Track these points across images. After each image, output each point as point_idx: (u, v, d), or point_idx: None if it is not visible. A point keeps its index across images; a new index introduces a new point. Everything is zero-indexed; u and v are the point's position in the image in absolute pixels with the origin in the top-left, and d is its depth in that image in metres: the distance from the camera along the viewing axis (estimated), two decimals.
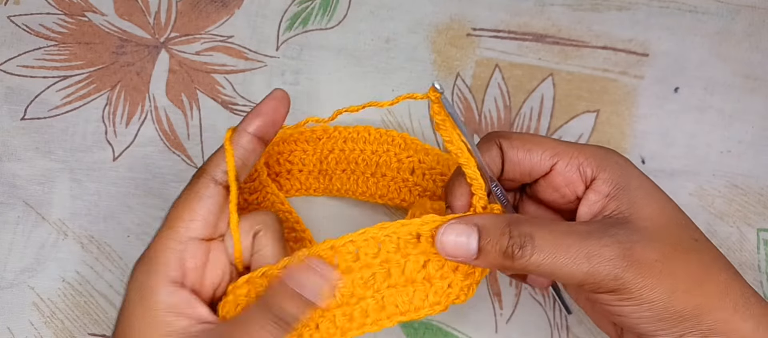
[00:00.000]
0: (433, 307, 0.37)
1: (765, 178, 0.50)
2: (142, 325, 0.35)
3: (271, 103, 0.38)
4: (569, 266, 0.33)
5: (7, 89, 0.52)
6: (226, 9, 0.54)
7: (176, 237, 0.36)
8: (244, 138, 0.38)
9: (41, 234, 0.50)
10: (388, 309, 0.37)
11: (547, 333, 0.48)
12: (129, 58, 0.53)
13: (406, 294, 0.37)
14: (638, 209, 0.35)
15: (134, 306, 0.35)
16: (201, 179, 0.37)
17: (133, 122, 0.52)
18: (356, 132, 0.48)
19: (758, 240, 0.49)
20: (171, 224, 0.36)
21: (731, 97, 0.51)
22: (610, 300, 0.34)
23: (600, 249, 0.33)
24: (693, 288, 0.33)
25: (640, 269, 0.33)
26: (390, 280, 0.37)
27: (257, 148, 0.38)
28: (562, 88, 0.52)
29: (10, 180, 0.51)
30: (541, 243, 0.33)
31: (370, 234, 0.36)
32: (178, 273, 0.35)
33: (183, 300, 0.35)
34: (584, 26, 0.53)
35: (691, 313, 0.33)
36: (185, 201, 0.36)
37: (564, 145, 0.37)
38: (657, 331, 0.34)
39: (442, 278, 0.37)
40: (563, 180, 0.37)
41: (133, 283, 0.36)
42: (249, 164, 0.38)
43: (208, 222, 0.36)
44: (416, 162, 0.47)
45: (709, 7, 0.53)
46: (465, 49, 0.53)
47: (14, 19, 0.54)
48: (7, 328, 0.48)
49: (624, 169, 0.36)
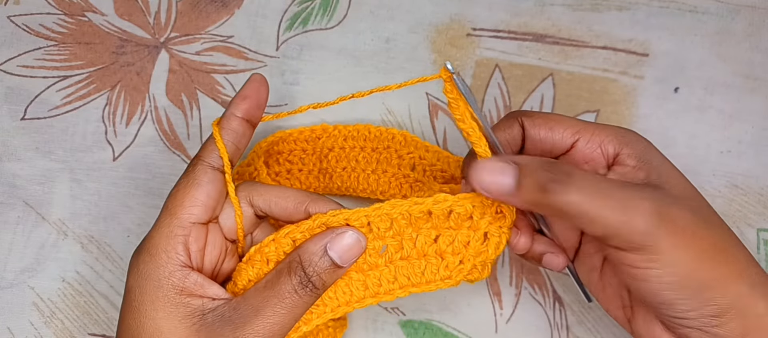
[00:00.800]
0: (445, 281, 0.38)
1: (765, 178, 0.50)
2: (157, 312, 0.35)
3: (252, 85, 0.40)
4: (604, 212, 0.33)
5: (7, 89, 0.52)
6: (226, 9, 0.54)
7: (180, 224, 0.37)
8: (234, 122, 0.39)
9: (41, 234, 0.50)
10: (400, 280, 0.38)
11: (547, 333, 0.48)
12: (129, 58, 0.53)
13: (418, 267, 0.38)
14: (667, 179, 0.35)
15: (143, 295, 0.36)
16: (198, 166, 0.38)
17: (133, 122, 0.52)
18: (356, 130, 0.48)
19: (758, 240, 0.49)
20: (173, 211, 0.37)
21: (731, 97, 0.51)
22: (635, 260, 0.33)
23: (638, 201, 0.33)
24: (718, 257, 0.33)
25: (674, 228, 0.33)
26: (402, 252, 0.38)
27: (247, 130, 0.40)
28: (562, 88, 0.52)
29: (10, 180, 0.51)
30: (579, 182, 0.33)
31: (384, 210, 0.37)
32: (185, 257, 0.36)
33: (195, 281, 0.36)
34: (584, 26, 0.53)
35: (715, 283, 0.33)
36: (185, 188, 0.38)
37: (585, 124, 0.38)
38: (677, 299, 0.33)
39: (454, 253, 0.38)
40: (583, 157, 0.37)
41: (137, 273, 0.36)
42: (241, 147, 0.40)
43: (208, 206, 0.38)
44: (417, 158, 0.47)
45: (709, 7, 0.53)
46: (465, 49, 0.53)
47: (14, 19, 0.54)
48: (7, 328, 0.48)
49: (646, 146, 0.37)
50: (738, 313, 0.33)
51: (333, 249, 0.36)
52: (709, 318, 0.33)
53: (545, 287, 0.48)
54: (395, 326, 0.48)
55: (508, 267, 0.49)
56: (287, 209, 0.39)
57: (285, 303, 0.35)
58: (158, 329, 0.35)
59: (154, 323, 0.35)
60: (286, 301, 0.35)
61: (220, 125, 0.39)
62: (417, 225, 0.38)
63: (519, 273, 0.49)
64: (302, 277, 0.36)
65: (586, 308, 0.48)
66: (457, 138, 0.51)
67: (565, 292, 0.48)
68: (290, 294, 0.36)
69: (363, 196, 0.48)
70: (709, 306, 0.33)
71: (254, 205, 0.39)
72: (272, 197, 0.39)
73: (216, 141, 0.38)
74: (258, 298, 0.36)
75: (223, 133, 0.39)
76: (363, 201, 0.50)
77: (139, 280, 0.36)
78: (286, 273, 0.36)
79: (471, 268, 0.38)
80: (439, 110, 0.51)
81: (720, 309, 0.33)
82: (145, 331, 0.35)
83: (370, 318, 0.48)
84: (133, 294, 0.36)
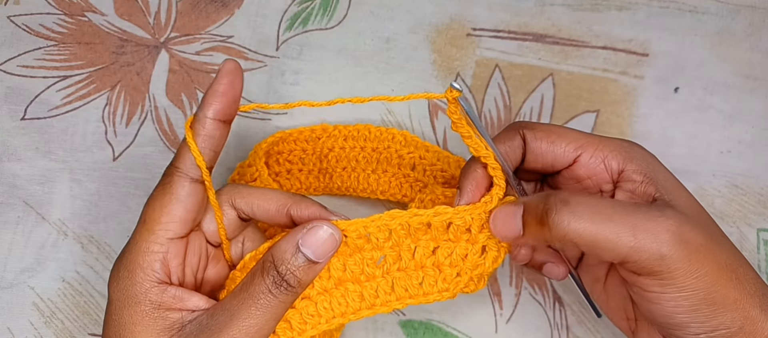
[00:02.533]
0: (442, 293, 0.38)
1: (765, 178, 0.50)
2: (134, 325, 0.35)
3: (224, 78, 0.36)
4: (612, 238, 0.32)
5: (7, 89, 0.52)
6: (226, 9, 0.54)
7: (157, 240, 0.35)
8: (207, 125, 0.36)
9: (41, 234, 0.50)
10: (398, 291, 0.38)
11: (547, 333, 0.48)
12: (129, 58, 0.53)
13: (416, 278, 0.38)
14: (676, 196, 0.34)
15: (123, 309, 0.35)
16: (174, 178, 0.36)
17: (133, 122, 0.52)
18: (356, 130, 0.48)
19: (758, 240, 0.49)
20: (150, 227, 0.36)
21: (731, 97, 0.51)
22: (650, 285, 0.32)
23: (647, 222, 0.32)
24: (731, 279, 0.32)
25: (688, 250, 0.31)
26: (400, 263, 0.38)
27: (223, 131, 0.37)
28: (562, 88, 0.52)
29: (10, 180, 0.51)
30: (578, 209, 0.32)
31: (383, 221, 0.36)
32: (162, 274, 0.36)
33: (172, 296, 0.35)
34: (584, 26, 0.53)
35: (727, 307, 0.32)
36: (161, 202, 0.36)
37: (588, 137, 0.37)
38: (690, 323, 0.32)
39: (451, 266, 0.38)
40: (586, 172, 0.37)
41: (116, 286, 0.36)
42: (218, 150, 0.37)
43: (187, 220, 0.36)
44: (417, 158, 0.47)
45: (709, 7, 0.53)
46: (465, 49, 0.53)
47: (14, 19, 0.54)
48: (7, 328, 0.48)
49: (650, 161, 0.36)
50: (746, 335, 0.32)
51: (305, 245, 0.35)
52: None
53: (545, 287, 0.48)
54: (395, 326, 0.48)
55: (508, 268, 0.49)
56: (269, 211, 0.38)
57: (260, 304, 0.34)
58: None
59: (134, 334, 0.35)
60: (260, 302, 0.34)
61: (194, 130, 0.36)
62: (416, 236, 0.38)
63: (519, 273, 0.49)
64: (275, 276, 0.35)
65: (586, 308, 0.48)
66: (457, 138, 0.51)
67: (565, 292, 0.48)
68: (264, 294, 0.35)
69: (363, 196, 0.48)
70: (720, 330, 0.32)
71: (237, 208, 0.38)
72: (254, 199, 0.38)
73: (191, 149, 0.36)
74: (233, 302, 0.35)
75: (197, 139, 0.36)
76: (363, 200, 0.50)
77: (117, 294, 0.36)
78: (260, 273, 0.35)
79: (467, 281, 0.38)
80: (439, 110, 0.51)
81: (730, 332, 0.32)
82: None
83: (370, 318, 0.48)
84: (114, 306, 0.36)
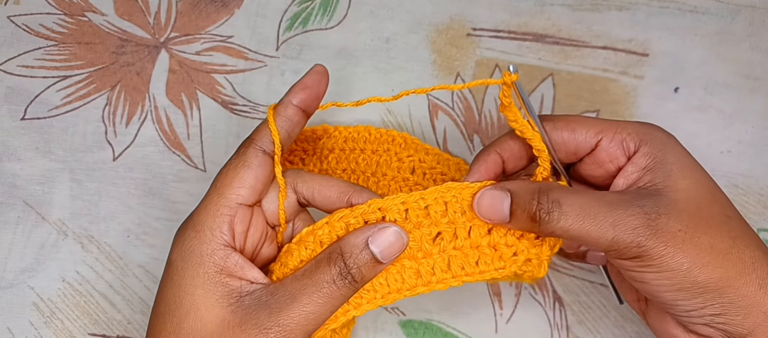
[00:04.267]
0: (499, 271, 0.38)
1: (765, 178, 0.50)
2: (195, 288, 0.35)
3: (314, 76, 0.40)
4: (595, 233, 0.34)
5: (7, 89, 0.52)
6: (226, 9, 0.54)
7: (227, 204, 0.37)
8: (290, 109, 0.39)
9: (41, 234, 0.50)
10: (454, 269, 0.38)
11: (547, 333, 0.48)
12: (129, 58, 0.53)
13: (472, 257, 0.38)
14: (673, 182, 0.36)
15: (185, 270, 0.36)
16: (250, 149, 0.38)
17: (133, 122, 0.52)
18: (356, 132, 0.48)
19: None
20: (221, 191, 0.37)
21: (731, 97, 0.51)
22: (632, 266, 0.35)
23: (625, 218, 0.34)
24: (716, 260, 0.34)
25: (663, 238, 0.34)
26: (456, 242, 0.38)
27: (301, 120, 0.40)
28: (562, 88, 0.52)
29: (10, 180, 0.51)
30: (568, 210, 0.35)
31: (439, 192, 0.37)
32: (229, 237, 0.37)
33: (236, 262, 0.36)
34: (584, 26, 0.53)
35: (714, 285, 0.34)
36: (235, 169, 0.38)
37: (607, 122, 0.38)
38: (677, 301, 0.35)
39: (507, 245, 0.38)
40: (607, 156, 0.38)
41: (181, 246, 0.37)
42: (293, 135, 0.40)
43: (256, 189, 0.38)
44: (417, 161, 0.47)
45: (709, 7, 0.53)
46: (465, 49, 0.53)
47: (14, 19, 0.54)
48: (7, 328, 0.48)
49: (665, 143, 0.37)
50: (742, 311, 0.34)
51: (374, 243, 0.36)
52: (711, 316, 0.34)
53: (545, 287, 0.48)
54: (395, 326, 0.48)
55: None
56: (330, 198, 0.39)
57: (322, 292, 0.35)
58: (195, 305, 0.35)
59: (192, 299, 0.35)
60: (323, 291, 0.35)
61: (276, 111, 0.39)
62: (470, 214, 0.38)
63: None
64: (342, 268, 0.36)
65: (585, 308, 0.48)
66: (457, 138, 0.51)
67: (565, 292, 0.48)
68: (328, 284, 0.35)
69: None
70: (710, 306, 0.34)
71: (298, 192, 0.40)
72: (316, 185, 0.39)
73: (269, 125, 0.39)
74: (295, 286, 0.36)
75: (277, 119, 0.39)
76: None
77: (182, 254, 0.36)
78: (326, 263, 0.36)
79: (525, 261, 0.38)
80: (439, 110, 0.51)
81: (722, 307, 0.34)
82: (181, 305, 0.35)
83: (370, 318, 0.48)
84: (175, 267, 0.36)
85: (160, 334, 0.36)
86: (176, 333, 0.35)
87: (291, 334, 0.35)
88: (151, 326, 0.37)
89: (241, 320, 0.35)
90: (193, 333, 0.35)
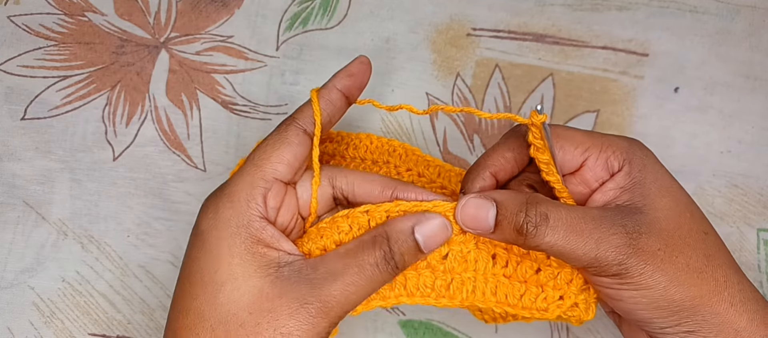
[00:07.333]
0: (541, 312, 0.38)
1: (765, 178, 0.50)
2: (232, 258, 0.35)
3: (360, 66, 0.40)
4: (579, 249, 0.34)
5: (7, 89, 0.52)
6: (226, 9, 0.54)
7: (263, 176, 0.37)
8: (334, 94, 0.39)
9: (41, 234, 0.50)
10: (499, 295, 0.38)
11: (547, 333, 0.48)
12: (129, 58, 0.53)
13: (519, 289, 0.38)
14: (651, 201, 0.36)
15: (220, 240, 0.35)
16: (291, 127, 0.38)
17: (133, 122, 0.52)
18: (358, 139, 0.48)
19: (758, 240, 0.49)
20: (259, 163, 0.37)
21: (731, 97, 0.51)
22: (611, 283, 0.35)
23: (609, 236, 0.34)
24: (691, 279, 0.34)
25: (643, 256, 0.34)
26: (506, 270, 0.38)
27: (343, 106, 0.40)
28: (562, 88, 0.52)
29: (10, 180, 0.51)
30: (555, 224, 0.35)
31: None
32: (264, 209, 0.36)
33: (272, 234, 0.36)
34: (584, 26, 0.53)
35: (688, 304, 0.34)
36: (274, 144, 0.38)
37: (592, 138, 0.38)
38: (653, 319, 0.35)
39: (555, 288, 0.38)
40: (593, 175, 0.38)
41: (214, 216, 0.36)
42: (334, 121, 0.40)
43: (293, 166, 0.38)
44: (415, 175, 0.47)
45: (709, 7, 0.53)
46: (465, 49, 0.53)
47: (14, 19, 0.54)
48: (7, 328, 0.48)
49: (645, 163, 0.37)
50: (715, 328, 0.34)
51: (420, 230, 0.36)
52: (685, 333, 0.34)
53: None
54: (395, 326, 0.48)
55: None
56: (372, 192, 0.39)
57: (365, 273, 0.35)
58: (232, 274, 0.34)
59: (229, 268, 0.35)
60: (366, 272, 0.35)
61: (320, 94, 0.39)
62: (519, 250, 0.38)
63: None
64: (387, 252, 0.35)
65: None
66: (457, 138, 0.51)
67: None
68: (371, 266, 0.35)
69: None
70: (684, 323, 0.34)
71: (336, 187, 0.39)
72: (356, 179, 0.39)
73: (313, 106, 0.38)
74: (338, 264, 0.35)
75: (321, 102, 0.39)
76: None
77: (216, 223, 0.36)
78: (371, 245, 0.36)
79: (571, 305, 0.37)
80: (439, 111, 0.51)
81: (696, 325, 0.34)
82: (217, 274, 0.35)
83: (370, 318, 0.48)
84: (208, 236, 0.36)
85: (192, 303, 0.35)
86: (211, 303, 0.34)
87: (331, 312, 0.34)
88: (179, 297, 0.36)
89: (281, 291, 0.34)
90: (229, 302, 0.34)
